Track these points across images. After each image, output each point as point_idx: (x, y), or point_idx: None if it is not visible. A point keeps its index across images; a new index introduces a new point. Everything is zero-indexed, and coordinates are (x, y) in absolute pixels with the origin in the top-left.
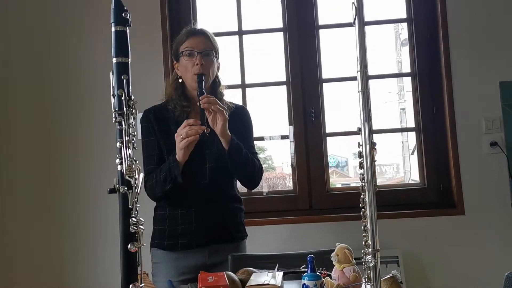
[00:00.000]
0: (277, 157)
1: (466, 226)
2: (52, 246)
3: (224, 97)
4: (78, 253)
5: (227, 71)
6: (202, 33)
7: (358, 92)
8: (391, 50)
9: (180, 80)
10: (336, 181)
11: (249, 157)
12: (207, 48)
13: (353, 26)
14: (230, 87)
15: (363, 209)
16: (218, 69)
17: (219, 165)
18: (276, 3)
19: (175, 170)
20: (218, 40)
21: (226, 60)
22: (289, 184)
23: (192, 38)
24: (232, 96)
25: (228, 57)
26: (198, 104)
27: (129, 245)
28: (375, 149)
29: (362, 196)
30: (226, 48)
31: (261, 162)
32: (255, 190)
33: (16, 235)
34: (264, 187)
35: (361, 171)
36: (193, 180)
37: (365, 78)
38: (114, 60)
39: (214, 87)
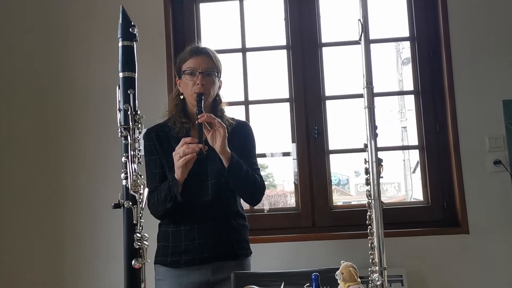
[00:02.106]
0: (278, 175)
1: (471, 245)
2: (54, 261)
3: (225, 114)
4: (81, 269)
5: (230, 88)
6: (205, 53)
7: (364, 108)
8: (392, 69)
9: (182, 97)
10: (337, 199)
11: (250, 174)
12: (209, 68)
13: (359, 43)
14: (233, 103)
15: (369, 226)
16: (220, 87)
17: (221, 182)
18: (280, 20)
19: (174, 189)
20: (222, 57)
21: (229, 77)
22: (290, 202)
23: (194, 58)
24: (235, 113)
25: (232, 74)
26: (196, 122)
27: (133, 261)
28: (382, 165)
29: (369, 213)
30: (230, 65)
31: (263, 178)
32: (256, 207)
33: (17, 250)
34: (265, 204)
35: (368, 187)
36: (196, 196)
37: (371, 94)
38: (120, 74)
39: (215, 105)
